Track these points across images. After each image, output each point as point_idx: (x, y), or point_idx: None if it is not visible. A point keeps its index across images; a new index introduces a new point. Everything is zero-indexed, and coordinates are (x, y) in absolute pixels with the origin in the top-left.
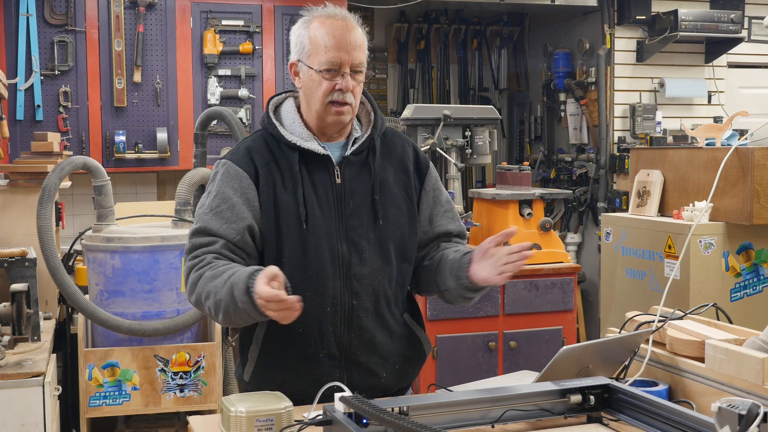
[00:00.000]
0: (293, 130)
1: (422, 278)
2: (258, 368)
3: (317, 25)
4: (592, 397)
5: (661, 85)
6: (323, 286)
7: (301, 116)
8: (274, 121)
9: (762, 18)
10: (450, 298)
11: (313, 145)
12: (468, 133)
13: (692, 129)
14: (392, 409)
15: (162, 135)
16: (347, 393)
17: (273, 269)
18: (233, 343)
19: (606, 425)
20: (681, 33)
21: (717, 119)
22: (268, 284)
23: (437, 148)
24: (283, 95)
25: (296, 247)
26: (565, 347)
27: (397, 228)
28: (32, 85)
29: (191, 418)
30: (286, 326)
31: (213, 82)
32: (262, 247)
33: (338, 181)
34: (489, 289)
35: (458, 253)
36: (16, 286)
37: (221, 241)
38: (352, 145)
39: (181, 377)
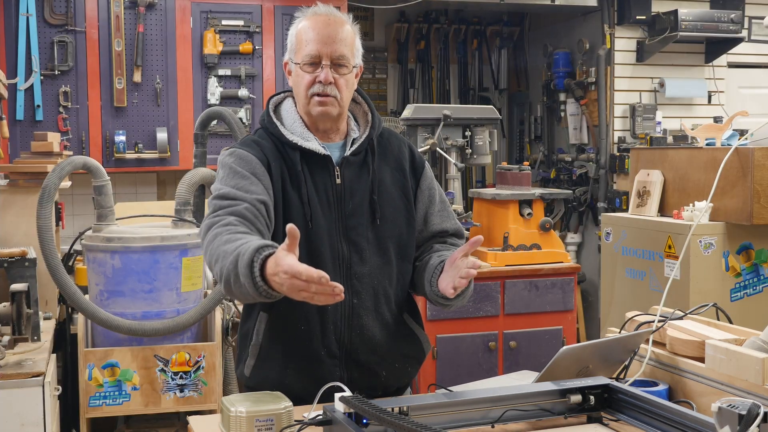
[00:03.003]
0: (294, 129)
1: (414, 279)
2: (258, 364)
3: (303, 23)
4: (592, 397)
5: (661, 85)
6: None
7: (300, 116)
8: (275, 120)
9: (762, 18)
10: (433, 302)
11: (314, 146)
12: (468, 133)
13: (692, 129)
14: (392, 409)
15: (162, 135)
16: (347, 393)
17: (291, 228)
18: (233, 343)
19: (606, 425)
20: (681, 33)
21: (717, 119)
22: (289, 251)
23: (437, 148)
24: (282, 95)
25: (300, 246)
26: (565, 347)
27: (395, 227)
28: (32, 85)
29: (191, 418)
30: (288, 323)
31: (213, 82)
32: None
33: (338, 181)
34: (461, 300)
35: (441, 257)
36: (16, 286)
37: (244, 203)
38: (351, 146)
39: (181, 377)
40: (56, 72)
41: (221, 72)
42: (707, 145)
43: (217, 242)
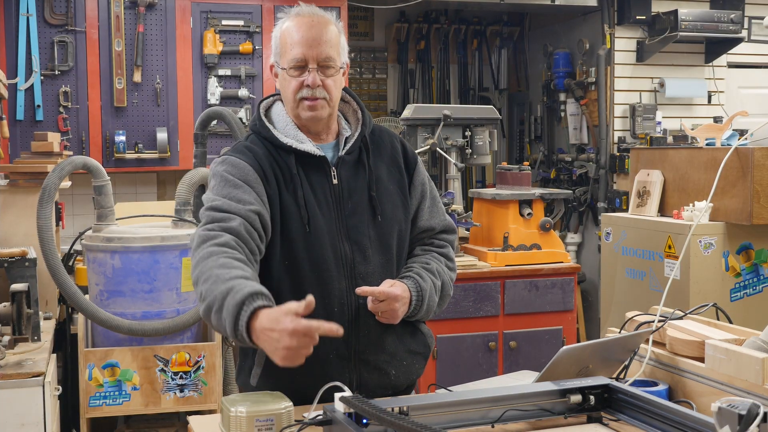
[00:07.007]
0: (287, 132)
1: None
2: (266, 371)
3: (287, 25)
4: (592, 397)
5: (661, 85)
6: (329, 288)
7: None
8: (267, 124)
9: (762, 18)
10: None
11: (309, 147)
12: (468, 133)
13: (692, 129)
14: (392, 409)
15: (162, 135)
16: (347, 393)
17: (311, 303)
18: (233, 343)
19: (606, 425)
20: (681, 33)
21: (717, 119)
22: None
23: (437, 148)
24: (272, 98)
25: (300, 250)
26: (565, 347)
27: (395, 223)
28: (32, 85)
29: (191, 418)
30: None
31: (213, 82)
32: (266, 250)
33: (335, 181)
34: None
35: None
36: (16, 286)
37: (238, 218)
38: (345, 145)
39: (181, 377)
40: (56, 72)
41: (221, 72)
42: (707, 145)
43: (211, 262)
